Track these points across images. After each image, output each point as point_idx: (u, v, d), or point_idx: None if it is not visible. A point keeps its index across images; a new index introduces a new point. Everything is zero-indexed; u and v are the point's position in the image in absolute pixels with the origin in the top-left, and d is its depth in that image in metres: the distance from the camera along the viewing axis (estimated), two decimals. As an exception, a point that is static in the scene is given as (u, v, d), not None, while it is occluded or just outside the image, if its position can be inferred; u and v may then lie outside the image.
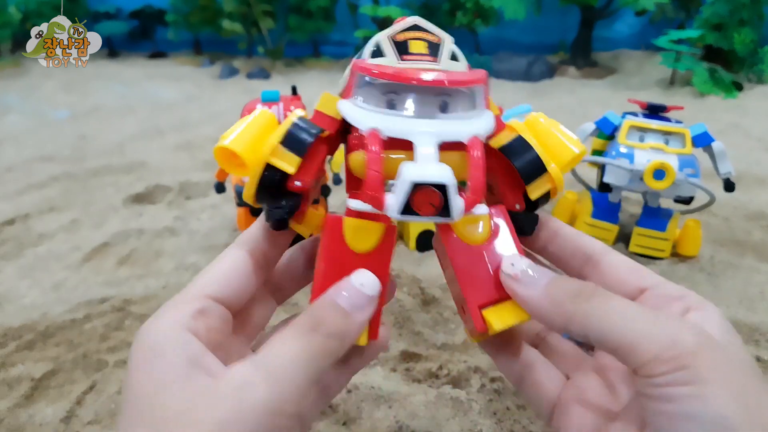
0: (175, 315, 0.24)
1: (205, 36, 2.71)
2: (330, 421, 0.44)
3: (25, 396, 0.48)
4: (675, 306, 0.24)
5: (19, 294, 0.66)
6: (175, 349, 0.22)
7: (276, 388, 0.21)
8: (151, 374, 0.21)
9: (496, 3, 2.04)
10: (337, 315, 0.24)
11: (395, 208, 0.23)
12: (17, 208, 0.91)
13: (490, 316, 0.26)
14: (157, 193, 0.98)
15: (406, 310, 0.59)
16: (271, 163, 0.25)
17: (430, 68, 0.25)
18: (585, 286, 0.24)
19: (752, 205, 0.88)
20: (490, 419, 0.44)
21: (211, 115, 1.59)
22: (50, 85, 1.99)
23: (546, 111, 0.31)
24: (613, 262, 0.27)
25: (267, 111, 0.28)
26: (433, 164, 0.23)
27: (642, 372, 0.21)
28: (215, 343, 0.24)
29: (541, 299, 0.24)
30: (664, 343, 0.20)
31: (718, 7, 1.83)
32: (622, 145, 0.69)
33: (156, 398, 0.21)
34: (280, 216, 0.26)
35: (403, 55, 0.25)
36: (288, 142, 0.25)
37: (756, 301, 0.62)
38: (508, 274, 0.25)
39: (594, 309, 0.22)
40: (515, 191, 0.27)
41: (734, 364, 0.21)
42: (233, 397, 0.20)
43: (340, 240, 0.26)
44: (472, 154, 0.23)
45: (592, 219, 0.75)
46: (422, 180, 0.22)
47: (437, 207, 0.22)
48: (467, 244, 0.26)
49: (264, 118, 0.27)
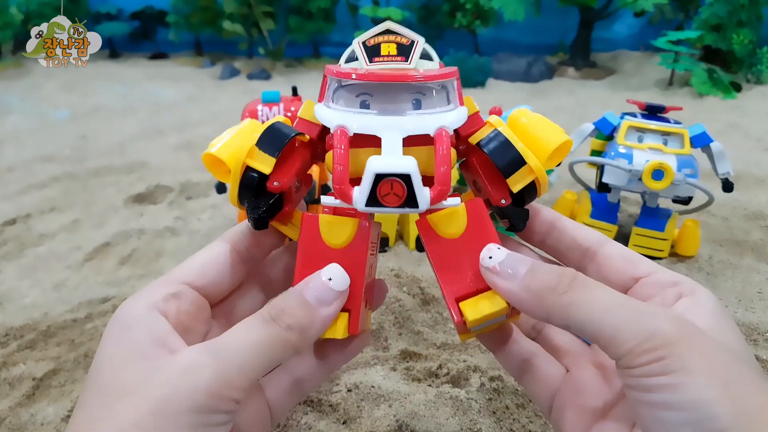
0: (149, 296, 0.25)
1: (205, 37, 2.71)
2: (330, 420, 0.44)
3: (26, 395, 0.49)
4: (668, 293, 0.24)
5: (21, 294, 0.66)
6: (142, 326, 0.24)
7: (222, 372, 0.22)
8: (117, 348, 0.23)
9: (496, 4, 2.04)
10: (301, 308, 0.24)
11: (361, 201, 0.23)
12: (18, 208, 0.91)
13: (467, 309, 0.26)
14: (158, 193, 0.98)
15: (406, 309, 0.60)
16: (247, 164, 0.26)
17: (398, 68, 0.26)
18: (563, 275, 0.23)
19: (751, 205, 0.89)
20: (490, 418, 0.44)
21: (211, 115, 1.59)
22: (51, 85, 1.99)
23: (545, 111, 0.31)
24: (609, 253, 0.27)
25: (254, 121, 0.29)
26: (397, 156, 0.23)
27: (622, 363, 0.21)
28: (184, 326, 0.25)
29: (520, 291, 0.24)
30: (643, 333, 0.20)
31: (717, 8, 1.83)
32: (621, 146, 0.70)
33: (114, 370, 0.22)
34: (258, 215, 0.26)
35: (374, 57, 0.26)
36: (263, 143, 0.26)
37: (754, 300, 0.63)
38: (486, 267, 0.25)
39: (573, 300, 0.22)
40: (500, 187, 0.27)
41: (717, 351, 0.20)
42: (179, 377, 0.21)
43: (316, 236, 0.26)
44: (438, 146, 0.24)
45: (590, 219, 0.75)
46: (385, 171, 0.22)
47: (402, 197, 0.23)
48: (443, 237, 0.27)
49: (250, 126, 0.28)
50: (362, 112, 0.25)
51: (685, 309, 0.23)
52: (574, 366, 0.28)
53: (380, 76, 0.24)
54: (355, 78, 0.25)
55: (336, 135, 0.24)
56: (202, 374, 0.22)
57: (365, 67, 0.26)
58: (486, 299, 0.26)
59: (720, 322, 0.22)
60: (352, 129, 0.24)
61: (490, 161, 0.27)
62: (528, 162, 0.26)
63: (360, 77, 0.25)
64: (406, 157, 0.23)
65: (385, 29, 0.27)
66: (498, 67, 2.09)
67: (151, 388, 0.21)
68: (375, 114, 0.25)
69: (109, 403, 0.21)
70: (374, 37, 0.27)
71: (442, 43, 2.37)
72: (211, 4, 2.51)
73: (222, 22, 2.40)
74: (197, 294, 0.27)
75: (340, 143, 0.24)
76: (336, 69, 0.26)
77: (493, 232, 0.27)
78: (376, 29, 0.27)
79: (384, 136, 0.24)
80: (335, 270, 0.25)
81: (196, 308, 0.26)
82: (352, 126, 0.24)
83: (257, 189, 0.26)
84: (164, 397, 0.21)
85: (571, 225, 0.28)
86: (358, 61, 0.26)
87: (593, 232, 0.28)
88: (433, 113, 0.26)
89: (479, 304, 0.26)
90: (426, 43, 0.27)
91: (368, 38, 0.27)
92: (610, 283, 0.26)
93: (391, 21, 0.27)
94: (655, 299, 0.25)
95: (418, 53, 0.26)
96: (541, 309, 0.23)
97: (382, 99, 0.25)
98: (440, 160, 0.24)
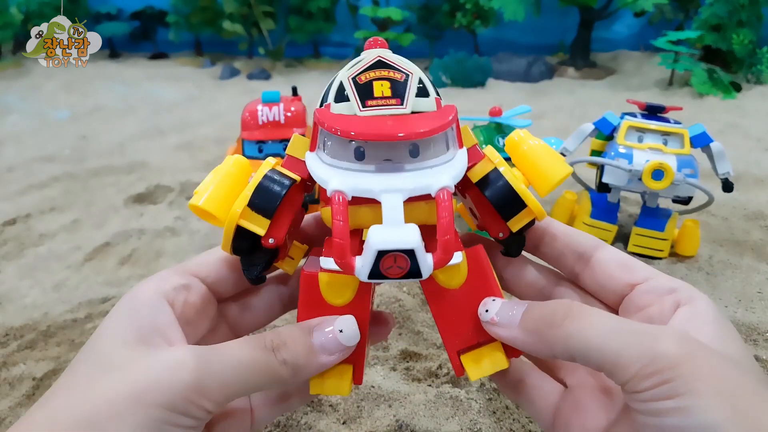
0: (161, 283, 0.25)
1: (205, 37, 2.71)
2: (330, 420, 0.44)
3: (26, 395, 0.49)
4: (666, 301, 0.24)
5: (21, 294, 0.66)
6: (147, 312, 0.24)
7: (202, 381, 0.22)
8: (118, 327, 0.24)
9: (496, 4, 2.04)
10: (303, 347, 0.24)
11: (364, 273, 0.23)
12: (18, 208, 0.91)
13: (468, 364, 0.26)
14: (158, 193, 0.98)
15: (406, 309, 0.60)
16: (241, 225, 0.25)
17: (393, 115, 0.24)
18: (557, 308, 0.23)
19: (751, 205, 0.89)
20: (490, 418, 0.44)
21: (211, 115, 1.59)
22: (51, 85, 1.99)
23: (545, 112, 0.31)
24: (603, 259, 0.27)
25: (240, 159, 0.27)
26: (399, 228, 0.22)
27: (628, 388, 0.20)
28: (187, 318, 0.25)
29: (521, 335, 0.24)
30: (645, 357, 0.20)
31: (717, 8, 1.83)
32: (621, 146, 0.70)
33: (109, 346, 0.23)
34: (255, 275, 0.26)
35: (367, 100, 0.24)
36: (257, 204, 0.25)
37: (754, 300, 0.63)
38: (485, 321, 0.25)
39: (571, 330, 0.22)
40: (498, 221, 0.27)
41: (722, 367, 0.20)
42: (161, 371, 0.22)
43: (316, 295, 0.26)
44: (441, 212, 0.23)
45: (590, 219, 0.75)
46: (388, 248, 0.22)
47: (405, 269, 0.22)
48: (444, 288, 0.26)
49: (237, 168, 0.27)
50: (357, 169, 0.24)
51: (685, 320, 0.23)
52: (571, 379, 0.28)
53: (377, 135, 0.23)
54: (354, 136, 0.23)
55: (334, 203, 0.23)
56: (182, 376, 0.22)
57: (358, 113, 0.24)
58: (487, 356, 0.26)
59: (721, 331, 0.22)
60: (349, 193, 0.23)
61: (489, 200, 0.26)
62: (528, 205, 0.26)
63: (357, 136, 0.23)
64: (408, 227, 0.22)
65: (377, 60, 0.25)
66: (498, 67, 2.09)
67: (135, 372, 0.22)
68: (372, 171, 0.24)
69: (93, 376, 0.22)
70: (365, 72, 0.25)
71: (442, 43, 2.37)
72: (211, 4, 2.51)
73: (222, 22, 2.40)
74: (206, 289, 0.27)
75: (339, 214, 0.22)
76: (329, 121, 0.24)
77: (493, 281, 0.26)
78: (367, 60, 0.25)
79: (384, 201, 0.23)
80: (349, 323, 0.25)
81: (202, 303, 0.27)
82: (349, 190, 0.23)
83: (252, 245, 0.26)
84: (143, 386, 0.21)
85: (563, 230, 0.28)
86: (349, 103, 0.24)
87: (586, 236, 0.28)
88: (432, 167, 0.24)
89: (481, 361, 0.26)
90: (421, 73, 0.25)
91: (359, 73, 0.25)
92: (606, 290, 0.26)
93: (381, 48, 0.26)
94: (652, 308, 0.24)
95: (414, 92, 0.25)
96: (545, 347, 0.23)
97: (378, 146, 0.24)
98: (443, 227, 0.22)
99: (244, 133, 0.78)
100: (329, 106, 0.25)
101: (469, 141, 0.27)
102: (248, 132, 0.77)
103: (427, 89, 0.25)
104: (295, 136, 0.28)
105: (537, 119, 1.34)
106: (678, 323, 0.23)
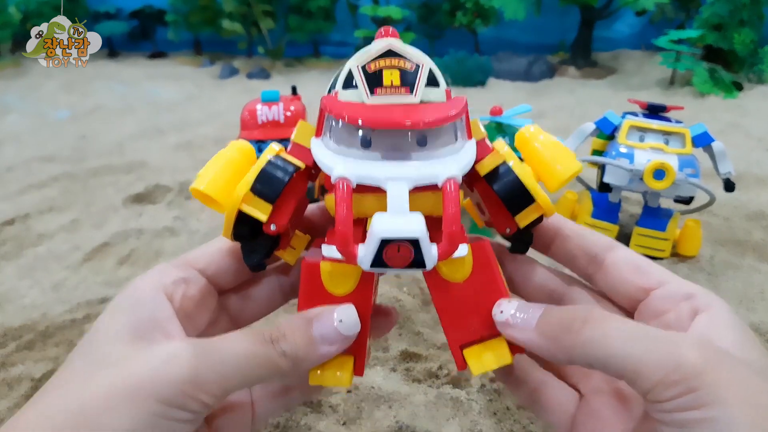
0: (159, 277, 0.25)
1: (205, 36, 2.70)
2: (330, 421, 0.44)
3: (25, 396, 0.48)
4: (683, 308, 0.23)
5: (19, 294, 0.66)
6: (146, 307, 0.24)
7: (200, 374, 0.22)
8: (116, 322, 0.23)
9: (496, 3, 2.04)
10: (302, 339, 0.24)
11: (366, 262, 0.22)
12: (17, 208, 0.91)
13: (471, 358, 0.25)
14: (157, 193, 0.98)
15: (406, 310, 0.59)
16: (243, 210, 0.25)
17: (403, 104, 0.24)
18: (576, 314, 0.22)
19: (752, 205, 0.88)
20: (490, 419, 0.44)
21: (211, 114, 1.59)
22: (50, 85, 1.99)
23: (546, 111, 0.31)
24: (616, 261, 0.26)
25: (244, 144, 0.27)
26: (404, 217, 0.22)
27: (651, 397, 0.20)
28: (187, 312, 0.25)
29: (538, 339, 0.23)
30: (668, 365, 0.19)
31: (718, 8, 1.83)
32: (622, 145, 0.69)
33: (107, 342, 0.23)
34: (255, 262, 0.26)
35: (375, 88, 0.24)
36: (259, 189, 0.25)
37: (756, 300, 0.62)
38: (500, 321, 0.25)
39: (590, 337, 0.21)
40: (506, 216, 0.26)
41: (747, 376, 0.19)
42: (158, 365, 0.22)
43: (318, 284, 0.26)
44: (447, 204, 0.22)
45: (592, 219, 0.75)
46: (392, 236, 0.21)
47: (409, 259, 0.22)
48: (448, 281, 0.26)
49: (240, 153, 0.26)
50: (364, 156, 0.24)
51: (705, 327, 0.22)
52: (585, 386, 0.27)
53: (385, 122, 0.22)
54: (361, 124, 0.23)
55: (338, 190, 0.22)
56: (179, 369, 0.21)
57: (366, 100, 0.24)
58: (491, 350, 0.25)
59: (741, 337, 0.22)
60: (354, 180, 0.23)
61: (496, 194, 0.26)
62: (537, 200, 0.25)
63: (364, 123, 0.23)
64: (413, 216, 0.22)
65: (387, 49, 0.25)
66: (498, 67, 2.09)
67: (132, 368, 0.22)
68: (378, 158, 0.24)
69: (90, 371, 0.22)
70: (375, 60, 0.24)
71: (442, 42, 2.37)
72: (211, 3, 2.50)
73: (221, 21, 2.40)
74: (206, 282, 0.27)
75: (343, 201, 0.22)
76: (336, 108, 0.23)
77: (498, 277, 0.26)
78: (377, 49, 0.25)
79: (389, 188, 0.23)
80: (348, 313, 0.24)
81: (202, 296, 0.26)
82: (354, 177, 0.23)
83: (253, 231, 0.25)
84: (139, 380, 0.21)
85: (576, 231, 0.28)
86: (357, 90, 0.24)
87: (599, 236, 0.27)
88: (440, 157, 0.24)
89: (484, 356, 0.25)
90: (432, 63, 0.25)
91: (368, 62, 0.24)
92: (620, 295, 0.26)
93: (392, 38, 0.25)
94: (670, 314, 0.24)
95: (424, 82, 0.24)
96: (562, 352, 0.22)
97: (385, 134, 0.24)
98: (449, 218, 0.22)
99: (244, 132, 0.78)
100: (337, 93, 0.25)
101: (478, 134, 0.26)
102: (247, 131, 0.77)
103: (438, 80, 0.25)
104: (300, 122, 0.27)
105: (537, 119, 1.33)
106: (698, 331, 0.22)
